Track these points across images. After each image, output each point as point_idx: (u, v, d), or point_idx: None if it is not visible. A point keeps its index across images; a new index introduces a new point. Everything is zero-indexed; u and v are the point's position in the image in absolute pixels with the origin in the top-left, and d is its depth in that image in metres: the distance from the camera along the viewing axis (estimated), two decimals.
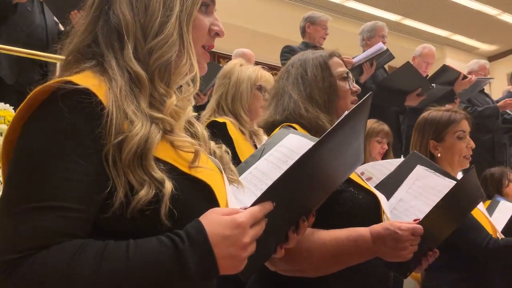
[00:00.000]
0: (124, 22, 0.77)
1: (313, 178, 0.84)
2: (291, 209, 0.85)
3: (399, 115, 3.85)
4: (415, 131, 1.85)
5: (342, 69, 1.32)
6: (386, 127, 2.71)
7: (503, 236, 1.75)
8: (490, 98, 4.32)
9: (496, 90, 6.57)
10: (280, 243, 0.89)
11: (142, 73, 0.76)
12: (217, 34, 0.87)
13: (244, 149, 1.86)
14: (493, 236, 1.68)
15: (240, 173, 1.07)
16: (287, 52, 3.69)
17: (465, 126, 1.79)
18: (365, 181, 1.28)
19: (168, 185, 0.70)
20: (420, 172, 1.52)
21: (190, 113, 0.87)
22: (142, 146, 0.70)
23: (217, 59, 6.67)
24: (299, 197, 0.84)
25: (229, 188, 0.84)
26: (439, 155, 1.75)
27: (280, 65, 4.33)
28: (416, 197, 1.43)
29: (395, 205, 1.44)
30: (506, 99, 4.06)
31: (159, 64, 0.77)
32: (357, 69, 3.46)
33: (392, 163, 2.23)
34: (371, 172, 2.18)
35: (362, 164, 2.28)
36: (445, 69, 3.68)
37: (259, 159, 1.10)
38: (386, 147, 2.64)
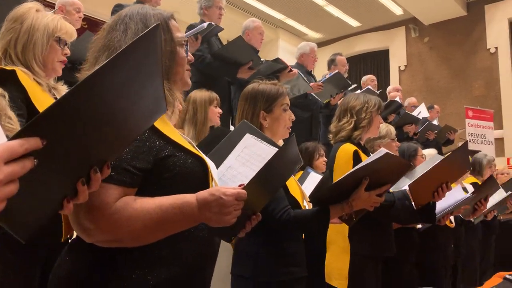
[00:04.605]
0: None
1: (93, 119, 0.73)
2: (76, 157, 0.75)
3: (231, 86, 3.96)
4: (246, 102, 1.89)
5: (181, 34, 1.24)
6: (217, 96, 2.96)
7: (310, 203, 1.93)
8: (314, 79, 4.77)
9: (318, 74, 7.27)
10: (67, 197, 0.78)
11: None
12: None
13: (42, 99, 1.64)
14: (301, 202, 1.85)
15: None
16: (118, 11, 3.44)
17: (288, 100, 1.93)
18: (195, 146, 1.24)
19: None
20: (248, 140, 1.56)
21: None
22: None
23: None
24: (83, 142, 0.74)
25: (1, 134, 0.72)
26: (267, 125, 1.84)
27: None
28: (243, 164, 1.47)
29: (224, 172, 1.46)
30: (314, 82, 4.43)
31: None
32: None
33: None
34: None
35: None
36: (277, 60, 3.93)
37: None
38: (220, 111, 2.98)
